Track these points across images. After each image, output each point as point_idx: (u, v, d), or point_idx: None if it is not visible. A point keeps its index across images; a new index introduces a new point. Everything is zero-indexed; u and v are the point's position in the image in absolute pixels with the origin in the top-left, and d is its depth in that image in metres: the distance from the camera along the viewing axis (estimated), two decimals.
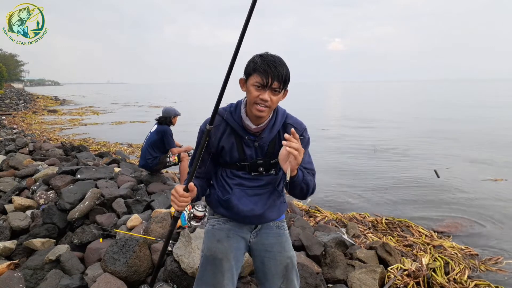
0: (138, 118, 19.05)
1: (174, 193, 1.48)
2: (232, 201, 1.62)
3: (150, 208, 3.71)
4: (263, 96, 1.46)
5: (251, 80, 1.48)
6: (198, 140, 1.63)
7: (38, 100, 36.00)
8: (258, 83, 1.46)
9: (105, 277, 2.47)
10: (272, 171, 1.65)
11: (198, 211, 1.56)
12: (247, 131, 1.59)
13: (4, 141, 8.46)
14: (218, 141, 1.60)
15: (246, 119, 1.57)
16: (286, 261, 1.65)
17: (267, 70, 1.44)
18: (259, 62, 1.46)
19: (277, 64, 1.45)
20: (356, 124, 16.05)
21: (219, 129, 1.60)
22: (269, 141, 1.60)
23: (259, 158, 1.61)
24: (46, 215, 3.53)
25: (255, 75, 1.46)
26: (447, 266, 3.31)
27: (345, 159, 9.03)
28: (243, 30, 1.38)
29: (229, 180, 1.65)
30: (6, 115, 19.68)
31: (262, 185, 1.65)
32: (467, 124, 15.52)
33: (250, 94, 1.49)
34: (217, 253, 1.59)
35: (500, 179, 6.82)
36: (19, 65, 77.65)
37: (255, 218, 1.65)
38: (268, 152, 1.62)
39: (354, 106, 30.37)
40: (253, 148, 1.60)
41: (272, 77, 1.44)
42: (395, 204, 5.59)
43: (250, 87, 1.48)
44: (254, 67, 1.47)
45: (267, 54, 1.50)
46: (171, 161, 4.69)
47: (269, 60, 1.46)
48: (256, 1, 1.36)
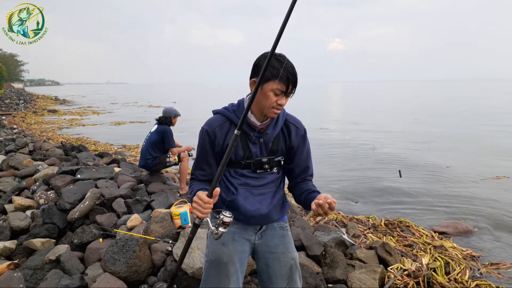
0: (138, 118, 19.06)
1: (198, 201, 1.41)
2: (237, 201, 1.61)
3: (150, 208, 3.71)
4: (281, 102, 1.49)
5: (270, 85, 1.46)
6: (200, 141, 1.62)
7: (38, 100, 36.02)
8: (279, 90, 1.46)
9: (105, 277, 2.47)
10: (275, 169, 1.66)
11: (227, 217, 1.46)
12: (251, 128, 1.59)
13: (4, 141, 8.46)
14: (223, 140, 1.59)
15: (251, 116, 1.57)
16: (290, 262, 1.65)
17: (290, 78, 1.45)
18: (280, 69, 1.44)
19: (294, 71, 1.47)
20: (356, 125, 16.06)
21: (224, 128, 1.59)
22: (273, 138, 1.61)
23: (263, 155, 1.61)
24: (46, 215, 3.53)
25: (276, 81, 1.44)
26: (447, 266, 3.31)
27: (345, 159, 9.03)
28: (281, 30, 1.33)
29: (233, 180, 1.63)
30: (6, 115, 19.69)
31: (266, 184, 1.64)
32: (468, 124, 15.53)
33: (268, 99, 1.48)
34: (223, 256, 1.58)
35: (502, 176, 6.79)
36: (19, 65, 77.67)
37: (261, 218, 1.64)
38: (273, 149, 1.62)
39: (354, 106, 30.38)
40: (258, 145, 1.60)
41: (292, 84, 1.47)
42: (394, 204, 5.59)
43: (269, 92, 1.47)
44: (275, 73, 1.44)
45: (283, 58, 1.47)
46: (171, 161, 4.69)
47: (288, 66, 1.45)
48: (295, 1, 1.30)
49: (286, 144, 1.65)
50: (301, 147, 1.68)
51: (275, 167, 1.66)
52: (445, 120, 17.12)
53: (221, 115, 1.62)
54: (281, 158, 1.65)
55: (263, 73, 1.36)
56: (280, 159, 1.65)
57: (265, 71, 1.36)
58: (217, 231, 1.44)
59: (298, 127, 1.67)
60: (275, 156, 1.63)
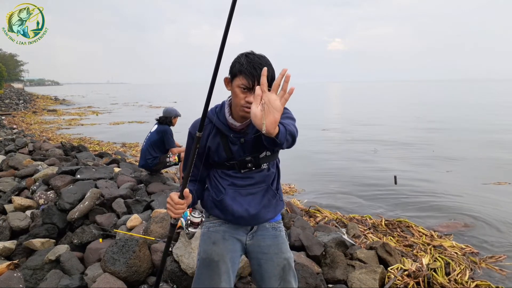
0: (138, 119, 19.05)
1: (170, 201, 1.47)
2: (225, 201, 1.60)
3: (150, 208, 3.71)
4: (249, 99, 1.44)
5: (236, 81, 1.46)
6: (188, 143, 1.63)
7: (37, 100, 36.01)
8: (244, 85, 1.44)
9: (105, 277, 2.47)
10: (263, 165, 1.63)
11: (195, 218, 1.57)
12: (232, 130, 1.58)
13: (4, 141, 8.46)
14: (205, 142, 1.60)
15: (230, 118, 1.57)
16: (283, 262, 1.64)
17: (253, 73, 1.41)
18: (244, 63, 1.43)
19: (262, 66, 1.38)
20: (356, 124, 16.05)
21: (206, 130, 1.59)
22: (254, 136, 1.57)
23: (246, 154, 1.60)
24: (46, 215, 3.53)
25: (240, 77, 1.44)
26: (447, 267, 3.30)
27: (346, 160, 9.03)
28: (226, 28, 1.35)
29: (222, 180, 1.64)
30: (5, 115, 19.70)
31: (254, 183, 1.63)
32: (469, 124, 15.52)
33: (236, 96, 1.47)
34: (213, 255, 1.58)
35: (504, 182, 6.75)
36: (19, 65, 77.72)
37: (250, 219, 1.63)
38: (254, 147, 1.60)
39: (354, 106, 30.37)
40: (239, 145, 1.58)
41: (258, 79, 1.39)
42: (395, 206, 5.58)
43: (236, 89, 1.46)
44: (239, 68, 1.44)
45: (252, 55, 1.47)
46: (171, 161, 4.69)
47: (255, 61, 1.43)
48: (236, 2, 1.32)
49: None
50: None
51: (264, 163, 1.63)
52: (448, 122, 17.10)
53: (207, 119, 1.61)
54: (265, 153, 1.61)
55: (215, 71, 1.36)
56: (265, 155, 1.61)
57: (218, 66, 1.36)
58: (187, 231, 1.52)
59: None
60: (259, 153, 1.61)
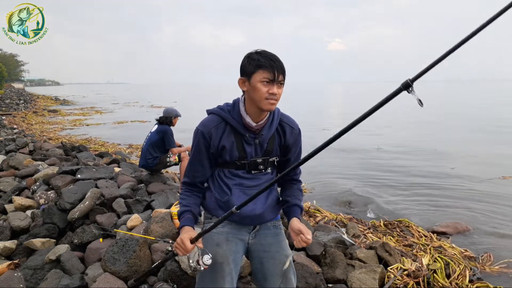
0: (141, 118, 19.04)
1: (181, 245, 1.49)
2: (232, 202, 1.60)
3: (150, 208, 3.71)
4: (273, 90, 1.48)
5: (257, 77, 1.48)
6: (195, 141, 1.61)
7: (38, 100, 35.99)
8: (267, 78, 1.47)
9: (105, 277, 2.47)
10: (269, 169, 1.67)
11: (205, 264, 1.51)
12: (247, 129, 1.59)
13: (4, 141, 8.45)
14: (218, 141, 1.58)
15: (246, 117, 1.57)
16: (284, 260, 1.66)
17: (273, 65, 1.46)
18: (261, 58, 1.47)
19: (278, 58, 1.48)
20: (359, 125, 16.01)
21: (219, 129, 1.59)
22: (268, 138, 1.61)
23: (258, 156, 1.62)
24: (46, 215, 3.54)
25: (260, 71, 1.47)
26: (447, 267, 3.30)
27: (348, 159, 9.02)
28: None
29: (228, 180, 1.64)
30: (6, 115, 19.68)
31: (260, 184, 1.64)
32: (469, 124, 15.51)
33: (259, 91, 1.48)
34: (217, 257, 1.58)
35: (508, 176, 6.71)
36: (19, 65, 77.75)
37: (255, 218, 1.65)
38: (268, 149, 1.63)
39: (354, 106, 30.34)
40: (253, 146, 1.60)
41: (278, 70, 1.47)
42: (396, 203, 5.58)
43: (258, 84, 1.48)
44: (257, 63, 1.47)
45: (263, 50, 1.51)
46: (172, 161, 4.69)
47: (269, 54, 1.49)
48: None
49: (281, 144, 1.66)
50: (294, 147, 1.69)
51: (270, 168, 1.67)
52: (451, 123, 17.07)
53: (216, 116, 1.61)
54: (275, 159, 1.66)
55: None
56: (274, 160, 1.66)
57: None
58: (196, 266, 1.51)
59: (293, 127, 1.68)
60: (270, 156, 1.64)
